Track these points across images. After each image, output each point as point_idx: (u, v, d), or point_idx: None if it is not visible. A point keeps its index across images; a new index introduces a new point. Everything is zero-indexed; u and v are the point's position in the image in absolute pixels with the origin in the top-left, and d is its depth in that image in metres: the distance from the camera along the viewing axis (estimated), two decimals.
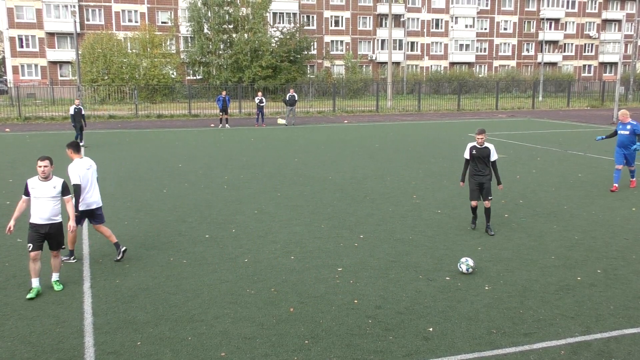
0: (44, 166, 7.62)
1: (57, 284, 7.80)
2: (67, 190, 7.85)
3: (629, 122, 13.80)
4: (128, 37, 54.30)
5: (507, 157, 19.59)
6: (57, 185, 7.69)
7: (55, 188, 7.66)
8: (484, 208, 10.37)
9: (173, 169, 17.31)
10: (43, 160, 7.65)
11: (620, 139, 13.88)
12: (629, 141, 13.75)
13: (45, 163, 7.64)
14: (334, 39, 68.91)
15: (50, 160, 7.72)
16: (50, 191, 7.62)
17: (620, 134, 13.94)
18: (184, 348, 6.11)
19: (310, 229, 10.59)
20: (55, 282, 7.82)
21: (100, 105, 44.22)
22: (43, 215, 7.61)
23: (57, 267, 7.88)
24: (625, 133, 13.79)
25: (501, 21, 75.50)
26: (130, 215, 11.72)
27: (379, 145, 22.74)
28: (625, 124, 13.85)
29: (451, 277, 8.08)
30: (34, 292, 7.51)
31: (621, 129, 13.93)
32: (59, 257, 7.88)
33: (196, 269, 8.49)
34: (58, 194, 7.68)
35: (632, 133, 13.69)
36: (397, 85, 61.53)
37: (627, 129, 13.77)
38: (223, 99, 31.19)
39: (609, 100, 49.71)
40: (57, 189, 7.67)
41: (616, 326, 6.57)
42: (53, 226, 7.68)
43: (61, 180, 7.79)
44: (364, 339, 6.29)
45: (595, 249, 9.37)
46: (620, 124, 14.04)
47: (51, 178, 7.71)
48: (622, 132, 13.87)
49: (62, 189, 7.74)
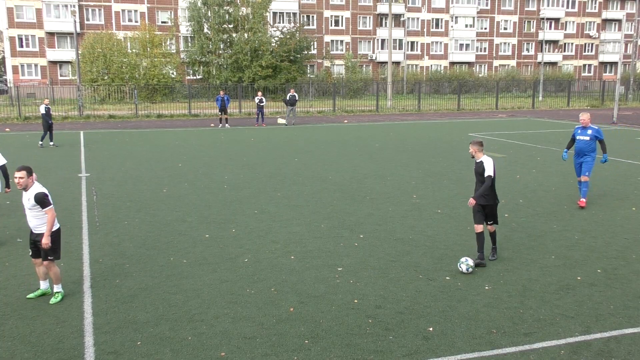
0: (19, 177, 7.06)
1: (56, 296, 7.33)
2: (42, 202, 7.10)
3: (590, 127, 12.21)
4: (128, 37, 54.29)
5: (507, 157, 19.59)
6: (30, 198, 7.11)
7: (29, 200, 7.12)
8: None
9: (173, 169, 17.31)
10: (19, 172, 7.09)
11: (579, 146, 12.25)
12: (588, 148, 12.17)
13: (20, 174, 7.07)
14: (334, 39, 68.90)
15: (27, 170, 7.12)
16: (26, 202, 7.16)
17: (579, 140, 12.26)
18: (184, 348, 6.11)
19: (310, 229, 10.59)
20: (55, 294, 7.36)
21: (100, 105, 44.22)
22: (29, 224, 7.32)
23: (53, 278, 7.35)
24: (585, 139, 12.17)
25: (501, 21, 75.49)
26: (130, 215, 11.72)
27: (379, 145, 22.74)
28: (586, 128, 12.20)
29: (451, 277, 8.08)
30: (38, 292, 7.41)
31: (580, 134, 12.27)
32: (52, 268, 7.30)
33: (196, 269, 8.49)
34: (34, 206, 7.11)
35: (594, 139, 12.14)
36: (397, 85, 61.52)
37: (588, 134, 12.14)
38: (222, 98, 31.20)
39: (609, 100, 49.71)
40: (31, 202, 7.11)
41: (616, 326, 6.57)
42: (40, 236, 7.23)
43: (35, 191, 7.13)
44: (364, 338, 6.29)
45: (595, 248, 9.37)
46: (579, 127, 12.35)
47: (30, 188, 7.16)
48: (582, 138, 12.22)
49: (35, 201, 7.09)
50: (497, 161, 18.33)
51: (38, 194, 7.12)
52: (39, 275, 7.47)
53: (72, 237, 10.09)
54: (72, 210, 12.07)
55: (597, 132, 12.20)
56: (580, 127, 12.37)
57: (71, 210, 12.07)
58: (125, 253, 9.25)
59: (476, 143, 8.79)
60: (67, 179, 15.78)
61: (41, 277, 7.46)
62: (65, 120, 35.78)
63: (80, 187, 14.65)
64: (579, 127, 12.46)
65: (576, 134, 12.42)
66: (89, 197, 13.43)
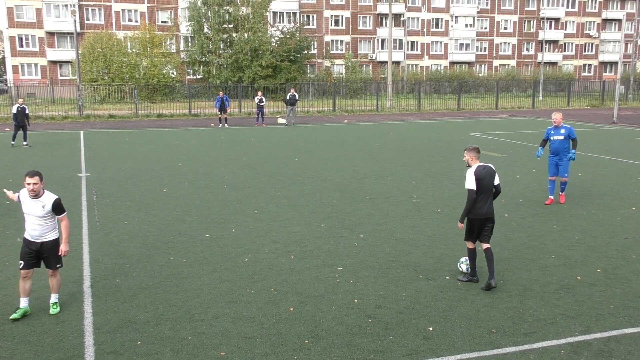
0: (33, 183, 6.66)
1: (55, 306, 7.02)
2: (60, 209, 6.88)
3: (563, 126, 12.33)
4: (128, 37, 54.29)
5: (507, 157, 19.60)
6: (46, 205, 6.77)
7: (44, 208, 6.76)
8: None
9: (173, 169, 17.31)
10: (32, 177, 6.65)
11: (554, 145, 12.41)
12: (563, 147, 12.32)
13: (34, 180, 6.65)
14: (334, 39, 68.90)
15: (40, 176, 6.74)
16: (38, 210, 6.76)
17: (553, 140, 12.43)
18: (184, 348, 6.11)
19: (310, 229, 10.59)
20: (53, 304, 7.03)
21: (100, 105, 44.23)
22: (33, 233, 6.84)
23: (55, 287, 7.07)
24: (559, 138, 12.32)
25: (501, 20, 75.49)
26: (130, 215, 11.72)
27: (379, 145, 22.73)
28: (559, 128, 12.33)
29: (451, 277, 8.08)
30: (20, 312, 6.81)
31: (554, 134, 12.41)
32: (56, 276, 7.07)
33: (196, 269, 8.49)
34: (47, 213, 6.79)
35: (567, 138, 12.31)
36: (397, 85, 61.51)
37: (561, 134, 12.30)
38: (221, 99, 31.22)
39: (609, 99, 49.70)
40: (46, 209, 6.77)
41: (616, 326, 6.57)
42: (46, 244, 6.89)
43: (52, 198, 6.83)
44: (364, 338, 6.29)
45: (595, 248, 9.37)
46: (552, 128, 12.47)
47: (42, 195, 6.81)
48: (556, 138, 12.38)
49: (53, 208, 6.80)
50: (497, 161, 18.39)
51: (56, 199, 6.85)
52: (23, 290, 6.91)
53: (72, 237, 10.06)
54: (72, 210, 12.05)
55: (570, 130, 12.39)
56: (553, 127, 12.49)
57: (71, 210, 12.04)
58: (125, 253, 9.25)
59: (472, 149, 7.85)
60: (67, 178, 15.77)
61: (26, 294, 6.92)
62: (65, 120, 35.78)
63: (80, 187, 14.65)
64: (551, 127, 12.58)
65: (550, 134, 12.56)
66: (89, 197, 13.43)
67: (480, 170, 7.67)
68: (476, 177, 7.60)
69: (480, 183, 7.62)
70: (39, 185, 6.70)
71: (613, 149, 21.42)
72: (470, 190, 7.62)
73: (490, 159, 19.09)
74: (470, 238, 7.88)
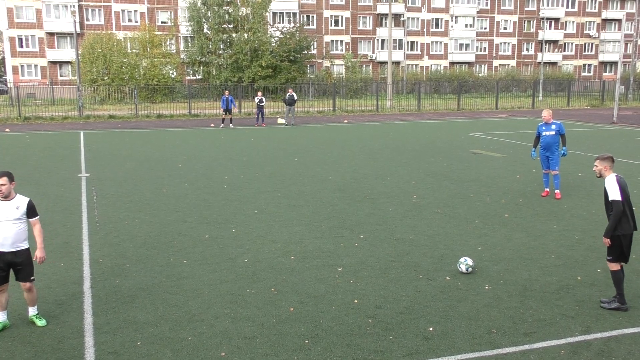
0: (1, 184, 6.27)
1: (39, 318, 6.64)
2: (34, 211, 6.54)
3: (553, 122, 13.05)
4: (128, 37, 54.25)
5: (507, 157, 19.59)
6: (20, 206, 6.42)
7: (18, 209, 6.40)
8: None
9: (173, 169, 17.31)
10: (1, 177, 6.28)
11: (545, 141, 13.07)
12: (553, 142, 13.00)
13: (2, 180, 6.27)
14: (333, 39, 68.89)
15: (9, 176, 6.37)
16: (12, 212, 6.36)
17: (544, 136, 13.10)
18: (184, 348, 6.11)
19: (310, 229, 10.59)
20: (36, 317, 6.65)
21: (100, 105, 44.21)
22: (5, 242, 6.37)
23: (32, 300, 6.65)
24: (550, 134, 13.00)
25: (501, 21, 75.48)
26: (130, 215, 11.72)
27: (379, 145, 22.73)
28: (549, 124, 13.04)
29: (451, 277, 8.08)
30: (0, 325, 6.52)
31: (545, 130, 13.09)
32: (32, 289, 6.63)
33: (196, 269, 8.49)
34: (22, 215, 6.43)
35: (557, 133, 12.98)
36: (397, 85, 61.50)
37: (552, 129, 12.99)
38: (226, 99, 31.23)
39: (609, 99, 49.68)
40: (20, 210, 6.41)
41: (616, 326, 6.57)
42: (19, 253, 6.46)
43: (26, 200, 6.51)
44: (364, 338, 6.29)
45: (595, 248, 9.36)
46: (543, 124, 13.17)
47: (13, 197, 6.44)
48: (547, 134, 13.05)
49: (28, 210, 6.46)
50: (497, 161, 18.39)
51: (30, 201, 6.55)
52: (0, 304, 6.58)
53: (72, 237, 10.10)
54: (72, 210, 12.07)
55: (560, 126, 13.10)
56: (544, 124, 13.19)
57: (71, 210, 12.07)
58: (125, 253, 9.25)
59: (606, 158, 7.06)
60: (67, 179, 15.77)
61: (3, 307, 6.59)
62: (65, 121, 35.77)
63: (80, 187, 14.65)
64: (541, 124, 13.28)
65: (541, 130, 13.22)
66: (89, 197, 13.43)
67: (621, 179, 6.96)
68: (620, 187, 6.84)
69: (625, 194, 6.84)
70: (8, 187, 6.33)
71: (613, 149, 21.40)
72: (616, 201, 6.78)
73: (491, 158, 19.09)
74: (620, 259, 6.97)
